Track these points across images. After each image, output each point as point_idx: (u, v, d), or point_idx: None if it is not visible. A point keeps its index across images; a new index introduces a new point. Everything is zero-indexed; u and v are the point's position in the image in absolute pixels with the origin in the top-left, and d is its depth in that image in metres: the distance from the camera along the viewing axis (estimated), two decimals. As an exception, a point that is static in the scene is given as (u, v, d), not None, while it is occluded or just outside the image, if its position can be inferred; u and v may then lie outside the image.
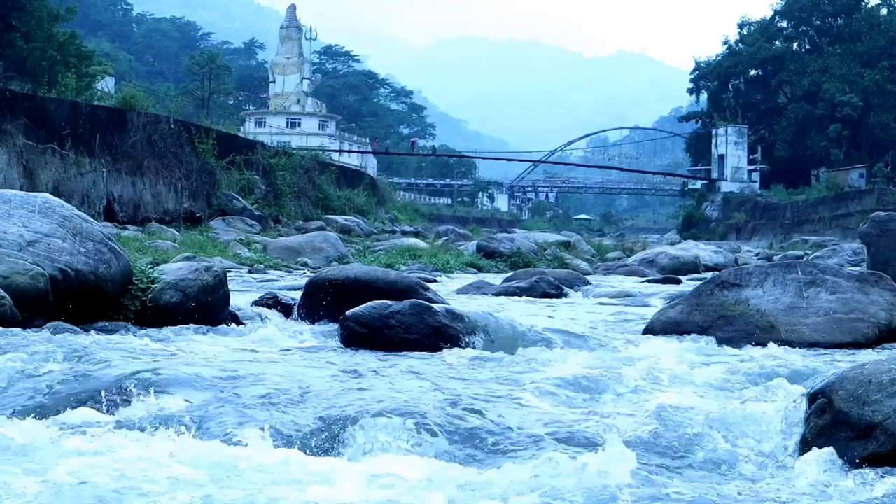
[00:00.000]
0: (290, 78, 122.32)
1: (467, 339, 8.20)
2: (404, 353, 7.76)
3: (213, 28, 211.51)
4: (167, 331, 8.96)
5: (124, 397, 5.44)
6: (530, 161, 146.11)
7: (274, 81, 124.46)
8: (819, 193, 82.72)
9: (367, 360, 7.40)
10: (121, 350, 7.23)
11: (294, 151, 53.52)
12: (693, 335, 9.15)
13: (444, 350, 7.90)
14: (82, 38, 58.44)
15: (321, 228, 36.74)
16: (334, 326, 8.66)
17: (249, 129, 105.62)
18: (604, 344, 8.70)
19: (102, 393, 5.49)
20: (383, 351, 7.86)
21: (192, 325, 9.24)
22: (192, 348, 7.76)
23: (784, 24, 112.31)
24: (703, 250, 33.76)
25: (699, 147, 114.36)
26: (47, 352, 6.81)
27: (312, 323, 10.07)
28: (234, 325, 9.83)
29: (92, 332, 8.50)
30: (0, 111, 30.21)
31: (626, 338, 9.29)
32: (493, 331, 8.55)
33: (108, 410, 5.29)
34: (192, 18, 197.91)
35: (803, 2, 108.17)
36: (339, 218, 44.21)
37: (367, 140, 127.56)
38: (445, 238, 40.38)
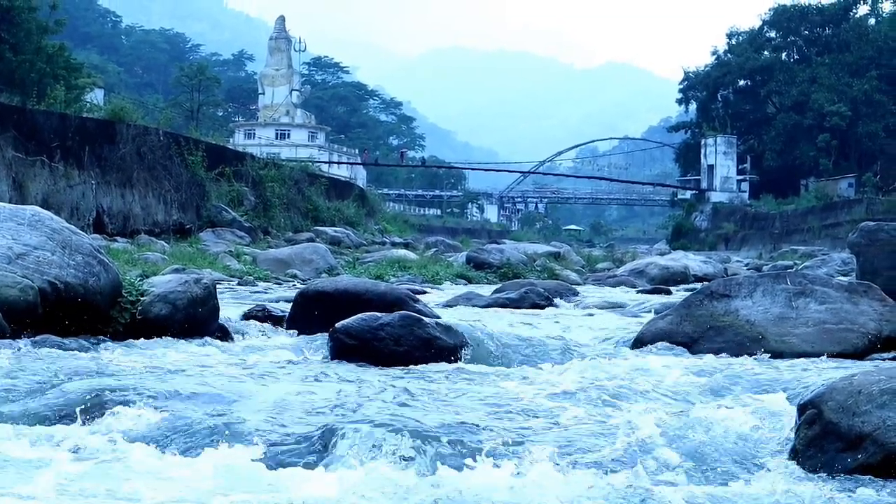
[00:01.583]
0: (280, 89, 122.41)
1: (457, 351, 8.19)
2: (394, 365, 7.76)
3: (203, 39, 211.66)
4: (156, 343, 8.94)
5: (105, 410, 5.42)
6: (520, 172, 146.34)
7: (263, 93, 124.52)
8: (808, 203, 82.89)
9: (356, 372, 7.39)
10: (107, 363, 7.22)
11: (283, 163, 53.52)
12: (683, 346, 9.15)
13: (434, 362, 7.89)
14: (71, 50, 58.39)
15: (311, 240, 36.74)
16: (324, 338, 8.65)
17: (239, 140, 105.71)
18: (593, 355, 8.69)
19: (82, 406, 5.48)
20: (373, 363, 7.86)
21: (181, 338, 9.23)
22: (179, 361, 7.75)
23: (772, 34, 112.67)
24: (693, 260, 33.81)
25: (688, 157, 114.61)
26: (32, 364, 6.81)
27: (302, 335, 10.05)
28: (223, 337, 9.82)
29: (80, 344, 8.48)
30: (-11, 124, 30.24)
31: (616, 349, 9.29)
32: (483, 342, 8.56)
33: (86, 423, 5.27)
34: (182, 30, 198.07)
35: (791, 12, 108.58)
36: (329, 229, 44.23)
37: (357, 151, 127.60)
38: (435, 249, 40.43)
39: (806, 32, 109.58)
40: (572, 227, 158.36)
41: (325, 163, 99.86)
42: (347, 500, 4.00)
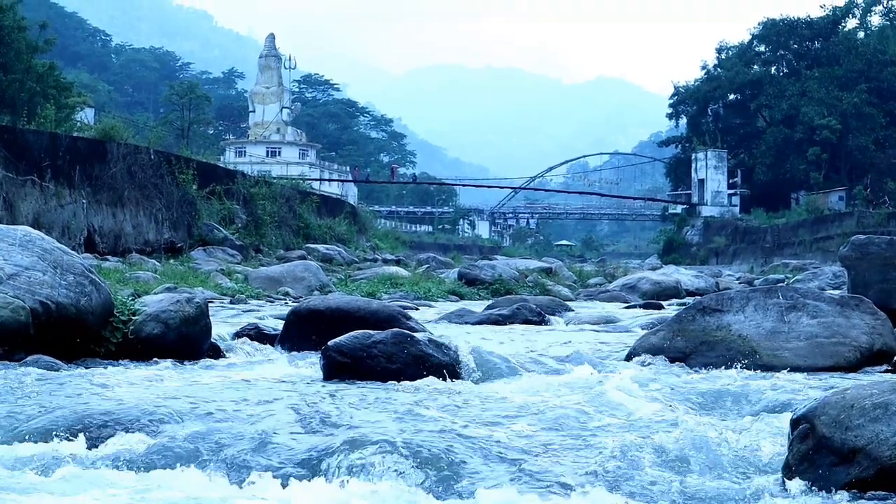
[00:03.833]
0: (270, 107, 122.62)
1: (449, 368, 8.19)
2: (386, 382, 7.75)
3: (193, 58, 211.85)
4: (148, 363, 8.94)
5: (97, 432, 5.41)
6: (511, 188, 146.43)
7: (254, 111, 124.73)
8: (799, 217, 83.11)
9: (348, 390, 7.38)
10: (98, 384, 7.21)
11: (274, 181, 53.45)
12: (675, 361, 9.15)
13: (427, 379, 7.88)
14: (61, 69, 58.38)
15: (302, 257, 36.66)
16: (316, 356, 8.64)
17: (229, 158, 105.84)
18: (585, 371, 8.68)
19: (73, 428, 5.47)
20: (365, 380, 7.84)
21: (173, 357, 9.23)
22: (171, 381, 7.74)
23: (762, 48, 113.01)
24: (685, 275, 33.81)
25: (679, 172, 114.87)
26: (23, 385, 6.79)
27: (294, 353, 10.04)
28: (215, 356, 9.81)
29: (72, 365, 8.48)
30: (-21, 144, 30.21)
31: (609, 364, 9.28)
32: (475, 359, 8.54)
33: (77, 445, 5.25)
34: (172, 48, 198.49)
35: (781, 26, 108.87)
36: (321, 247, 44.09)
37: (348, 168, 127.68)
38: (427, 266, 40.33)
39: (795, 46, 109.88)
40: (564, 242, 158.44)
41: (317, 180, 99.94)
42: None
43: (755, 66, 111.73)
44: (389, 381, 7.77)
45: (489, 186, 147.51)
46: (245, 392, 7.12)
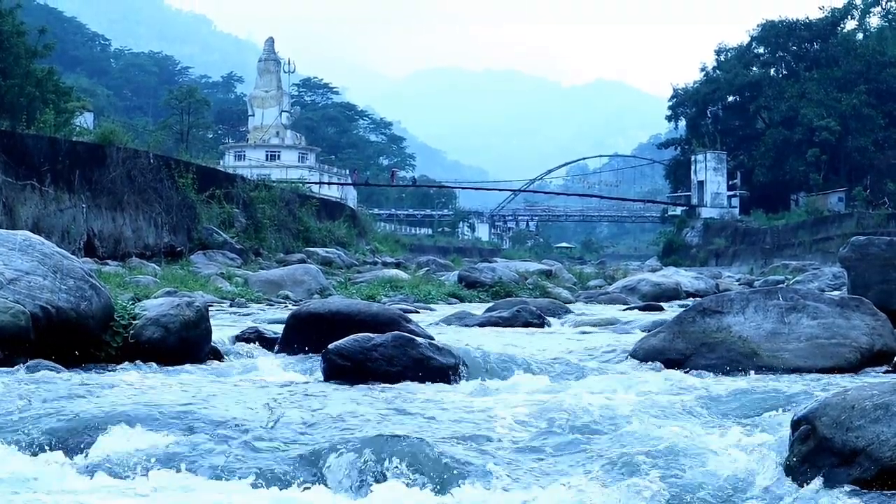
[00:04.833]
0: (269, 111, 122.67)
1: (450, 371, 8.18)
2: (387, 385, 7.74)
3: (192, 62, 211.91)
4: (148, 367, 8.93)
5: (97, 437, 5.40)
6: (510, 190, 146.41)
7: (253, 114, 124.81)
8: (799, 218, 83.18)
9: (349, 393, 7.37)
10: (98, 388, 7.20)
11: (274, 184, 53.52)
12: (675, 363, 9.14)
13: (427, 382, 7.88)
14: (60, 73, 58.38)
15: (302, 261, 36.63)
16: (317, 359, 8.63)
17: (229, 162, 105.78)
18: (586, 373, 8.68)
19: (74, 432, 5.46)
20: (366, 384, 7.83)
21: (173, 361, 9.22)
22: (171, 385, 7.73)
23: (761, 50, 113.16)
24: (685, 277, 33.79)
25: (678, 174, 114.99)
26: (23, 390, 6.78)
27: (295, 356, 10.03)
28: (215, 360, 9.80)
29: (72, 370, 8.46)
30: (-22, 148, 30.20)
31: (609, 367, 9.27)
32: (476, 362, 8.55)
33: (80, 451, 5.25)
34: (171, 53, 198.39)
35: (779, 27, 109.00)
36: (320, 250, 44.08)
37: (347, 172, 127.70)
38: (427, 268, 40.34)
39: (794, 48, 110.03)
40: (563, 244, 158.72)
41: (316, 183, 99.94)
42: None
43: (754, 68, 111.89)
44: (390, 384, 7.76)
45: (489, 189, 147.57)
46: (245, 395, 7.12)
